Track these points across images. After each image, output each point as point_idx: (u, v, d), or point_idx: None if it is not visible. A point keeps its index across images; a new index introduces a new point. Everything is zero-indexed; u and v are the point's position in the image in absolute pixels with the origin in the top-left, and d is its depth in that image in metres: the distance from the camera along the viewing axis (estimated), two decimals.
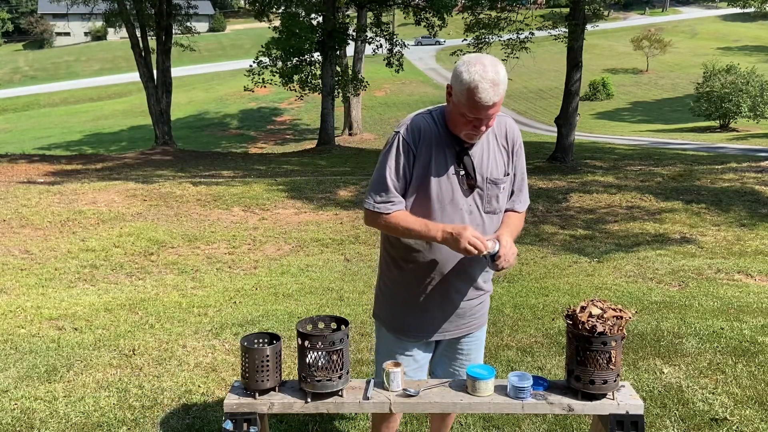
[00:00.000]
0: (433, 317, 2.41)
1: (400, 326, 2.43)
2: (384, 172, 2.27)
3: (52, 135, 36.10)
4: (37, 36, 75.25)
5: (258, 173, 15.00)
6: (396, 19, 48.72)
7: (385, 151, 2.28)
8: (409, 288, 2.39)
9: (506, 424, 3.19)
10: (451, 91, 2.18)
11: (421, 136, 2.24)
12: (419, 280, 2.37)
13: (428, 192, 2.26)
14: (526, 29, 16.82)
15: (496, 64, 2.11)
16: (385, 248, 2.46)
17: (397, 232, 2.30)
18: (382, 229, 2.35)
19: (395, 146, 2.26)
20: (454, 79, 2.15)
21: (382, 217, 2.28)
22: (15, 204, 9.61)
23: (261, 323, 4.81)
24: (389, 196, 2.26)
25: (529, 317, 4.88)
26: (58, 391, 3.59)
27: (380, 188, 2.27)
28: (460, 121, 2.18)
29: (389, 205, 2.27)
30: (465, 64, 2.12)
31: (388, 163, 2.26)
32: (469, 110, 2.12)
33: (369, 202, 2.30)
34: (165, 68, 21.38)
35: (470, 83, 2.08)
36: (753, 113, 30.73)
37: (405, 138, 2.25)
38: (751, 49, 55.28)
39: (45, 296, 5.79)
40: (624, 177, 12.36)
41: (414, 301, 2.39)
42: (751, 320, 4.62)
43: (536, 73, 46.04)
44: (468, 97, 2.10)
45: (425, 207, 2.28)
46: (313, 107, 34.60)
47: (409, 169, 2.26)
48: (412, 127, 2.26)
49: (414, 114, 2.32)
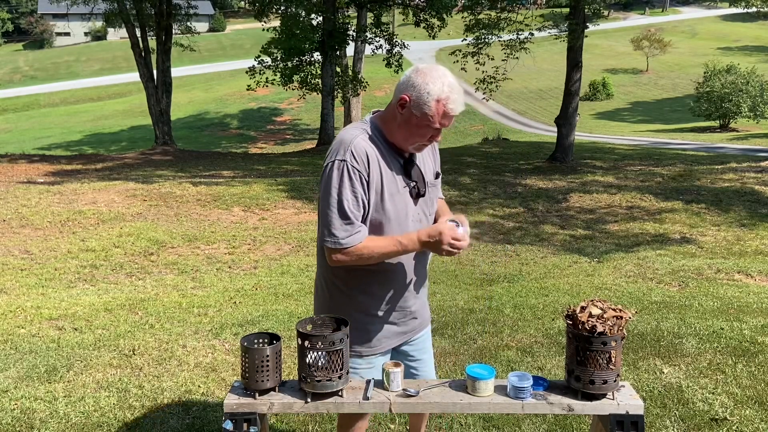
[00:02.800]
0: (395, 325, 2.37)
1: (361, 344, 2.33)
2: (341, 204, 2.10)
3: (52, 135, 36.09)
4: (37, 36, 75.22)
5: (258, 173, 15.00)
6: (396, 20, 48.72)
7: (335, 183, 2.11)
8: (369, 306, 2.31)
9: (506, 424, 3.19)
10: (407, 102, 2.10)
11: (369, 159, 2.13)
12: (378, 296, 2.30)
13: (386, 214, 2.18)
14: (526, 29, 16.81)
15: (451, 74, 2.14)
16: (331, 272, 2.30)
17: (371, 261, 2.18)
18: (352, 263, 2.18)
19: (346, 175, 2.10)
20: (414, 91, 2.09)
21: (351, 250, 2.13)
22: (15, 204, 9.61)
23: (261, 323, 4.81)
24: (354, 228, 2.13)
25: (529, 317, 4.87)
26: (58, 391, 3.59)
27: (341, 222, 2.11)
28: (418, 134, 2.14)
29: (357, 236, 2.13)
30: (426, 75, 2.09)
31: (343, 194, 2.10)
32: (438, 121, 2.10)
33: (332, 241, 2.12)
34: (165, 68, 21.37)
35: (440, 95, 2.07)
36: (753, 113, 30.71)
37: (354, 165, 2.11)
38: (751, 49, 55.25)
39: (45, 296, 5.79)
40: (624, 177, 12.37)
41: (375, 318, 2.32)
42: (751, 320, 4.62)
43: (536, 73, 45.99)
44: (436, 108, 2.08)
45: (383, 227, 2.20)
46: (313, 107, 34.58)
47: (365, 196, 2.14)
48: (357, 152, 2.12)
49: (348, 137, 2.16)
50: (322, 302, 2.39)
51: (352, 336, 2.28)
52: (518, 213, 9.83)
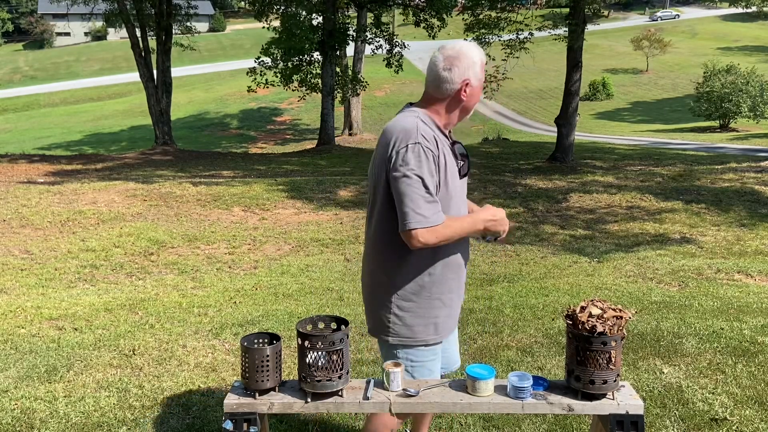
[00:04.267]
0: (456, 309, 2.45)
1: (430, 333, 2.36)
2: (426, 183, 2.16)
3: (52, 135, 36.10)
4: (37, 36, 75.24)
5: (258, 173, 15.00)
6: (396, 20, 48.69)
7: (414, 164, 2.16)
8: (442, 292, 2.35)
9: (506, 424, 3.19)
10: (469, 81, 2.27)
11: (437, 142, 2.25)
12: (448, 281, 2.36)
13: (449, 193, 2.28)
14: (526, 29, 16.80)
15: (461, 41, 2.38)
16: (396, 263, 2.31)
17: (451, 239, 2.24)
18: (436, 242, 2.20)
19: (423, 156, 2.17)
20: (469, 69, 2.27)
21: (438, 229, 2.17)
22: (15, 204, 9.61)
23: (261, 323, 4.81)
24: (438, 206, 2.19)
25: (529, 317, 4.87)
26: (58, 391, 3.59)
27: (426, 201, 2.16)
28: (473, 103, 2.35)
29: (441, 215, 2.20)
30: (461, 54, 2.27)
31: (424, 174, 2.16)
32: (483, 80, 2.33)
33: (419, 220, 2.15)
34: (165, 68, 21.37)
35: (481, 56, 2.29)
36: (753, 113, 30.73)
37: (428, 147, 2.19)
38: (751, 49, 55.25)
39: (45, 296, 5.79)
40: (624, 177, 12.37)
41: (446, 304, 2.38)
42: (751, 320, 4.62)
43: (536, 73, 46.01)
44: (482, 69, 2.29)
45: (446, 206, 2.27)
46: (313, 107, 34.59)
47: (437, 175, 2.22)
48: (425, 133, 2.21)
49: (410, 123, 2.23)
50: (380, 299, 2.36)
51: (416, 325, 2.33)
52: (518, 213, 9.82)
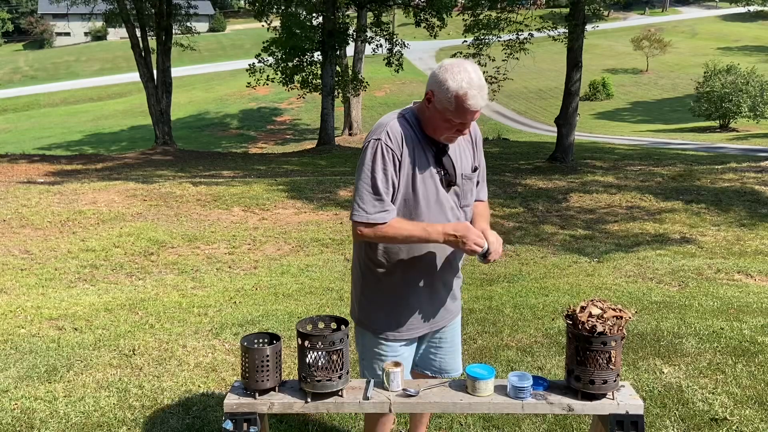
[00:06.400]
0: (422, 313, 2.41)
1: (388, 329, 2.40)
2: (374, 180, 2.21)
3: (52, 135, 36.08)
4: (37, 36, 75.20)
5: (258, 173, 15.00)
6: (396, 19, 48.69)
7: (369, 160, 2.23)
8: (396, 289, 2.36)
9: (506, 424, 3.19)
10: (432, 97, 2.19)
11: (403, 140, 2.23)
12: (407, 280, 2.36)
13: (416, 192, 2.26)
14: (525, 30, 16.81)
15: (477, 70, 2.17)
16: (365, 253, 2.39)
17: (395, 241, 2.26)
18: (376, 240, 2.28)
19: (380, 153, 2.22)
20: (437, 86, 2.17)
21: (378, 227, 2.22)
22: (15, 204, 9.61)
23: (261, 323, 4.81)
24: (384, 205, 2.22)
25: (529, 317, 4.87)
26: (58, 391, 3.59)
27: (372, 198, 2.22)
28: (444, 126, 2.22)
29: (385, 215, 2.22)
30: (447, 71, 2.15)
31: (375, 171, 2.21)
32: (456, 116, 2.16)
33: (360, 214, 2.23)
34: (165, 68, 21.37)
35: (458, 90, 2.12)
36: (753, 113, 30.71)
37: (388, 144, 2.22)
38: (751, 49, 55.25)
39: (45, 296, 5.79)
40: (624, 177, 12.36)
41: (403, 302, 2.38)
42: (751, 320, 4.62)
43: (536, 73, 46.00)
44: (457, 104, 2.14)
45: (413, 208, 2.27)
46: (313, 107, 34.58)
47: (395, 174, 2.23)
48: (392, 132, 2.23)
49: (386, 120, 2.29)
50: (354, 283, 2.48)
51: (379, 319, 2.36)
52: (518, 213, 9.82)
